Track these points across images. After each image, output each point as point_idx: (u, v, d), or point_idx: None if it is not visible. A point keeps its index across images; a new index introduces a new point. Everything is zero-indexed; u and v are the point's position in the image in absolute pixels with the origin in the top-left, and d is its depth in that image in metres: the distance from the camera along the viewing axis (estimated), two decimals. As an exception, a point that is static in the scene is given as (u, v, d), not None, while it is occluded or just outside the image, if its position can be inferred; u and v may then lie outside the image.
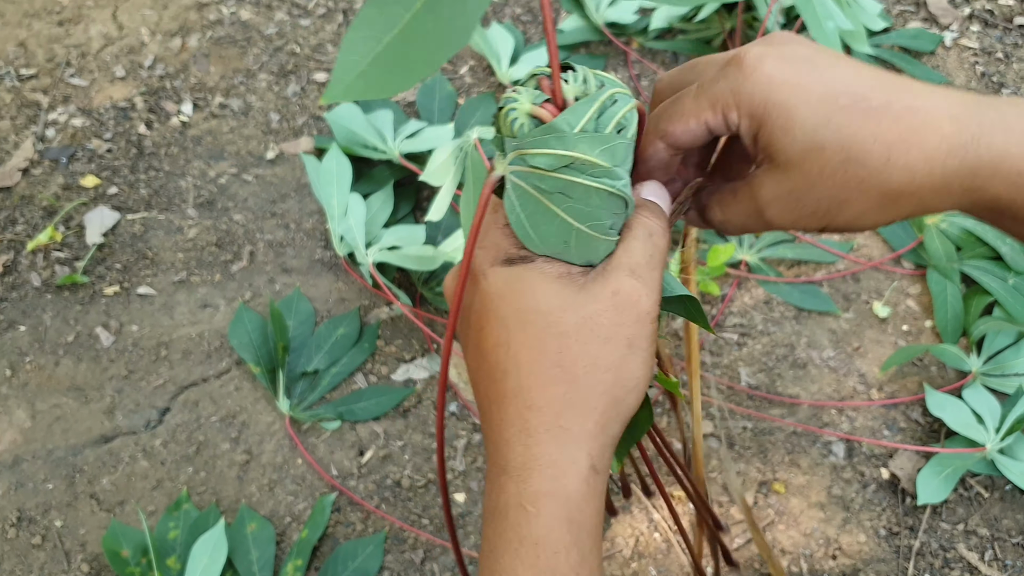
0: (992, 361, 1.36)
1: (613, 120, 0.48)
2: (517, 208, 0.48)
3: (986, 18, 1.86)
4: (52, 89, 1.67)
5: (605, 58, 1.78)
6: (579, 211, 0.47)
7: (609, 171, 0.47)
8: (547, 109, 0.48)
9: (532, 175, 0.47)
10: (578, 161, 0.46)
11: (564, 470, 0.47)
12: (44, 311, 1.41)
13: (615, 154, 0.47)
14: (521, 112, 0.48)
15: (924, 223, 1.52)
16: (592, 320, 0.47)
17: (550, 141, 0.46)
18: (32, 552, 1.21)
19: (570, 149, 0.46)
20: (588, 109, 0.47)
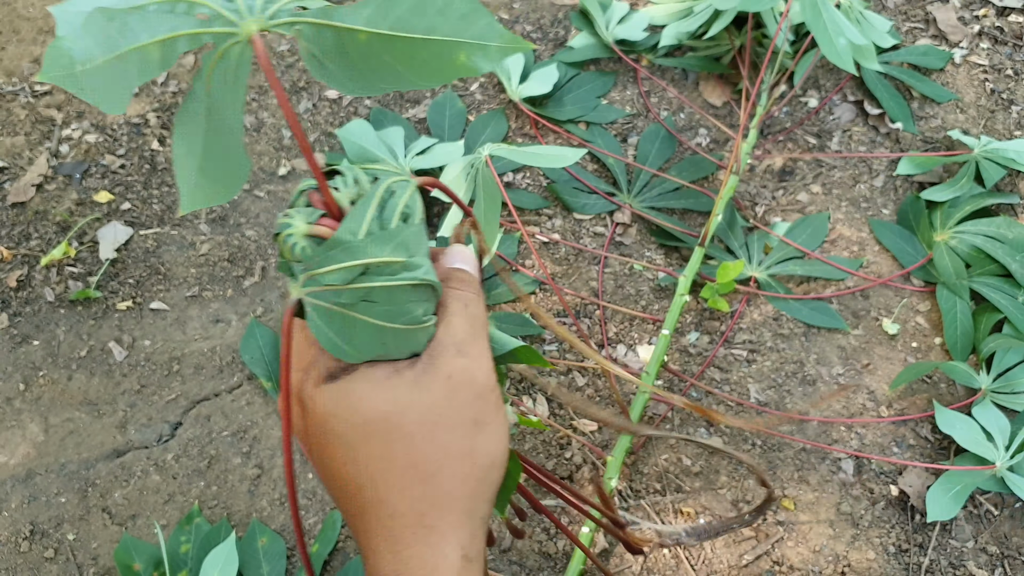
0: (1002, 378, 1.36)
1: (396, 212, 0.46)
2: (323, 327, 0.46)
3: (996, 35, 1.86)
4: (66, 105, 1.68)
5: (615, 75, 1.79)
6: (387, 312, 0.45)
7: (406, 264, 0.45)
8: (325, 224, 0.46)
9: (328, 292, 0.45)
10: (372, 266, 0.44)
11: (436, 568, 0.46)
12: (57, 326, 1.42)
13: (408, 245, 0.45)
14: (298, 235, 0.45)
15: (933, 239, 1.53)
16: (433, 412, 0.46)
17: (337, 255, 0.44)
18: (44, 565, 1.21)
19: (360, 257, 0.44)
20: (367, 210, 0.45)
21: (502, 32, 0.41)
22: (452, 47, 0.41)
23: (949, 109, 1.74)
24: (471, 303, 0.49)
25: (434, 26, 0.42)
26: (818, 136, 1.72)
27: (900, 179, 1.65)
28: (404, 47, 0.42)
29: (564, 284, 1.49)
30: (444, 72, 0.42)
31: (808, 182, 1.65)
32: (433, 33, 0.42)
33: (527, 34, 1.87)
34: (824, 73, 1.81)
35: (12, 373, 1.38)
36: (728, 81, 1.81)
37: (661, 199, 1.60)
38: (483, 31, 0.41)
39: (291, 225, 0.46)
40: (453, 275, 0.50)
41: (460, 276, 0.50)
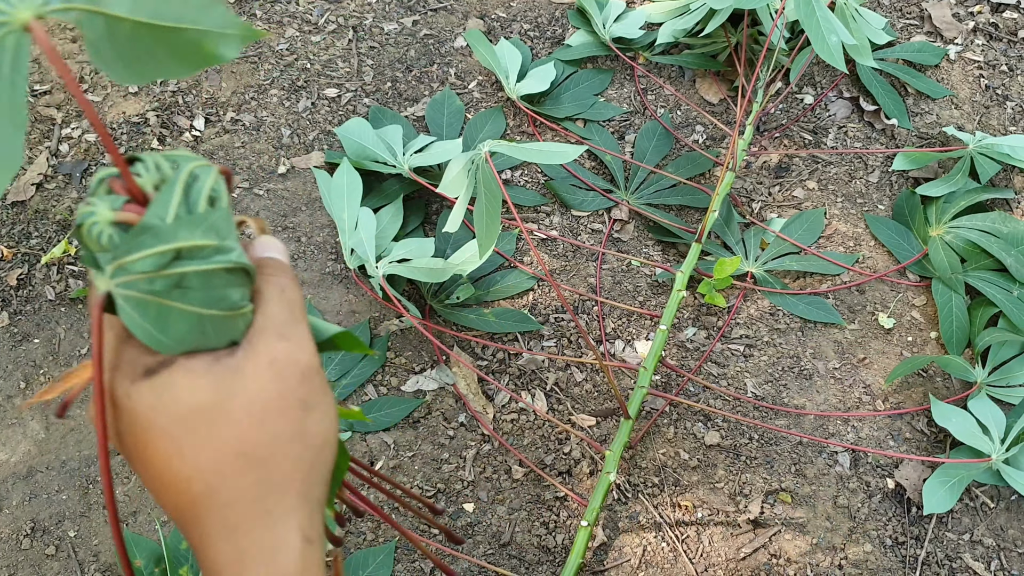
0: (997, 372, 1.37)
1: (203, 195, 0.45)
2: (136, 318, 0.44)
3: (990, 31, 1.87)
4: (66, 105, 1.69)
5: (612, 73, 1.80)
6: (203, 298, 0.44)
7: (219, 247, 0.44)
8: (131, 210, 0.44)
9: (140, 282, 0.43)
10: (184, 250, 0.43)
11: (277, 552, 0.45)
12: (58, 324, 1.43)
13: (218, 228, 0.45)
14: (103, 221, 0.43)
15: (929, 234, 1.53)
16: (260, 397, 0.45)
17: (147, 241, 0.43)
18: (46, 562, 1.22)
19: (170, 241, 0.43)
20: (173, 194, 0.44)
21: (237, 21, 0.42)
22: (199, 36, 0.42)
23: (944, 105, 1.75)
24: (287, 288, 0.48)
25: (181, 15, 0.42)
26: (814, 132, 1.73)
27: (895, 175, 1.66)
28: (161, 35, 0.42)
29: (562, 280, 1.50)
30: (196, 60, 0.42)
31: (804, 178, 1.65)
32: (181, 22, 0.42)
33: (525, 32, 1.88)
34: (820, 70, 1.82)
35: (13, 371, 1.38)
36: (724, 78, 1.81)
37: (658, 196, 1.61)
38: (221, 20, 0.42)
39: (95, 213, 0.43)
40: (265, 263, 0.50)
41: (272, 263, 0.50)
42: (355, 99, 1.74)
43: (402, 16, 1.90)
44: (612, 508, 1.29)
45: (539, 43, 1.87)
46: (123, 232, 0.43)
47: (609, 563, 1.24)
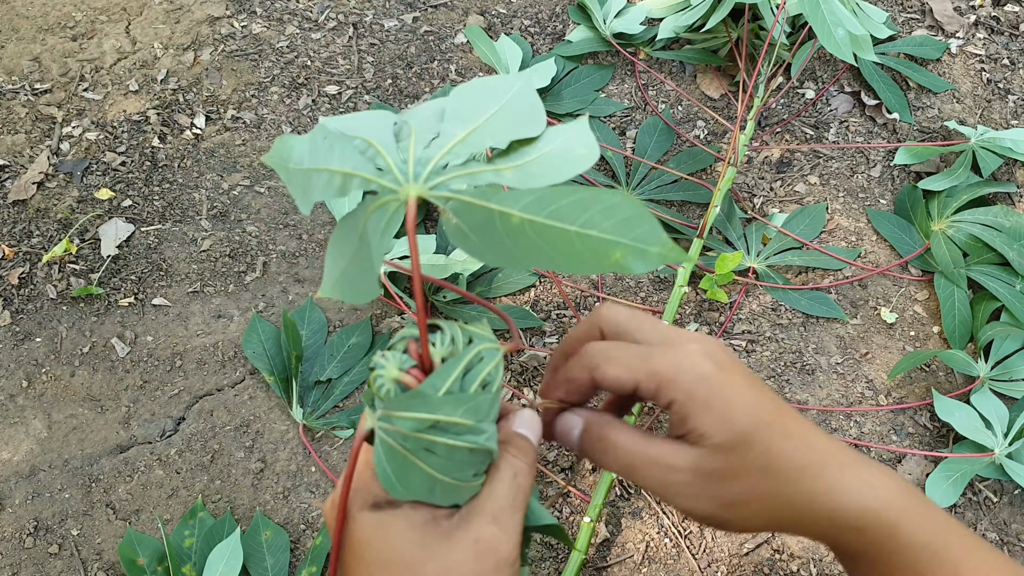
0: (1000, 366, 1.37)
1: (479, 378, 0.48)
2: (383, 460, 0.48)
3: (992, 25, 1.87)
4: (66, 103, 1.69)
5: (613, 68, 1.80)
6: (443, 466, 0.47)
7: (472, 428, 0.47)
8: (413, 375, 0.48)
9: (397, 434, 0.47)
10: (442, 422, 0.46)
11: None
12: (60, 322, 1.43)
13: (479, 411, 0.48)
14: (388, 379, 0.48)
15: (931, 228, 1.53)
16: (452, 570, 0.47)
17: (415, 405, 0.46)
18: (49, 561, 1.22)
19: (434, 412, 0.46)
20: (453, 371, 0.48)
21: (664, 239, 0.42)
22: (609, 244, 0.42)
23: (946, 99, 1.75)
24: (520, 473, 0.50)
25: (593, 222, 0.43)
26: (815, 127, 1.73)
27: (897, 169, 1.65)
28: (558, 236, 0.43)
29: (564, 276, 1.50)
30: (596, 265, 0.43)
31: (806, 173, 1.65)
32: (591, 228, 0.43)
33: (525, 28, 1.88)
34: (821, 64, 1.82)
35: (15, 370, 1.38)
36: (725, 73, 1.81)
37: (659, 191, 1.61)
38: (645, 235, 0.42)
39: (385, 368, 0.48)
40: (515, 440, 0.52)
41: (520, 444, 0.52)
42: (356, 96, 1.74)
43: (402, 13, 1.90)
44: (615, 504, 1.29)
45: (539, 39, 1.86)
46: (401, 391, 0.48)
47: (612, 559, 1.24)
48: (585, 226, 0.43)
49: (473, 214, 0.45)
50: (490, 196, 0.45)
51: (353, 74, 1.77)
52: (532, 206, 0.44)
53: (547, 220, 0.43)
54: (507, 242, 0.44)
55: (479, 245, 0.45)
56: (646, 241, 0.42)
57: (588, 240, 0.43)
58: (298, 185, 0.49)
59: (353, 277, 0.48)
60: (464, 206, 0.45)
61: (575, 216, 0.43)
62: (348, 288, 0.48)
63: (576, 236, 0.43)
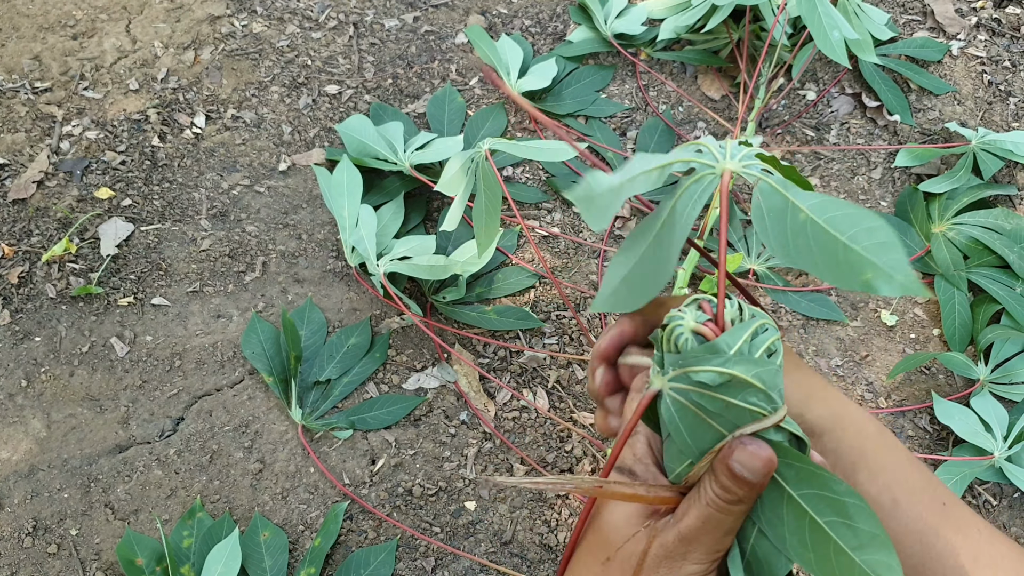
0: (1000, 369, 1.37)
1: (764, 345, 0.51)
2: (675, 418, 0.51)
3: (993, 27, 1.87)
4: (66, 102, 1.69)
5: (613, 69, 1.79)
6: (732, 428, 0.50)
7: (762, 394, 0.49)
8: (710, 327, 0.51)
9: (692, 392, 0.50)
10: (736, 380, 0.48)
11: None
12: (59, 322, 1.43)
13: (767, 378, 0.49)
14: (687, 328, 0.51)
15: (931, 231, 1.53)
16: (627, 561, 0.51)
17: (711, 359, 0.49)
18: (48, 560, 1.22)
19: (729, 368, 0.49)
20: (744, 332, 0.51)
21: (908, 271, 0.45)
22: (864, 263, 0.46)
23: (947, 101, 1.74)
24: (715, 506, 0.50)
25: (857, 238, 0.46)
26: (816, 129, 1.72)
27: (898, 171, 1.65)
28: (829, 242, 0.47)
29: (564, 277, 1.50)
30: (849, 279, 0.46)
31: (806, 174, 1.65)
32: (854, 243, 0.46)
33: (526, 28, 1.88)
34: (822, 66, 1.82)
35: (14, 369, 1.38)
36: (726, 74, 1.81)
37: (659, 193, 1.61)
38: (893, 263, 0.45)
39: (683, 318, 0.52)
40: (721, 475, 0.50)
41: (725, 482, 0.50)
42: (356, 96, 1.74)
43: (403, 12, 1.90)
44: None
45: (540, 39, 1.86)
46: (698, 343, 0.51)
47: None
48: (851, 240, 0.47)
49: (774, 199, 0.50)
50: (788, 187, 0.50)
51: (353, 74, 1.77)
52: (816, 208, 0.48)
53: (825, 224, 0.48)
54: (790, 236, 0.49)
55: (770, 231, 0.50)
56: (894, 268, 0.45)
57: (850, 253, 0.46)
58: (601, 207, 0.55)
59: (639, 275, 0.54)
60: (770, 189, 0.50)
61: (845, 228, 0.47)
62: (628, 293, 0.54)
63: (842, 247, 0.47)
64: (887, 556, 0.46)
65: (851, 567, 0.46)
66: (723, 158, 0.53)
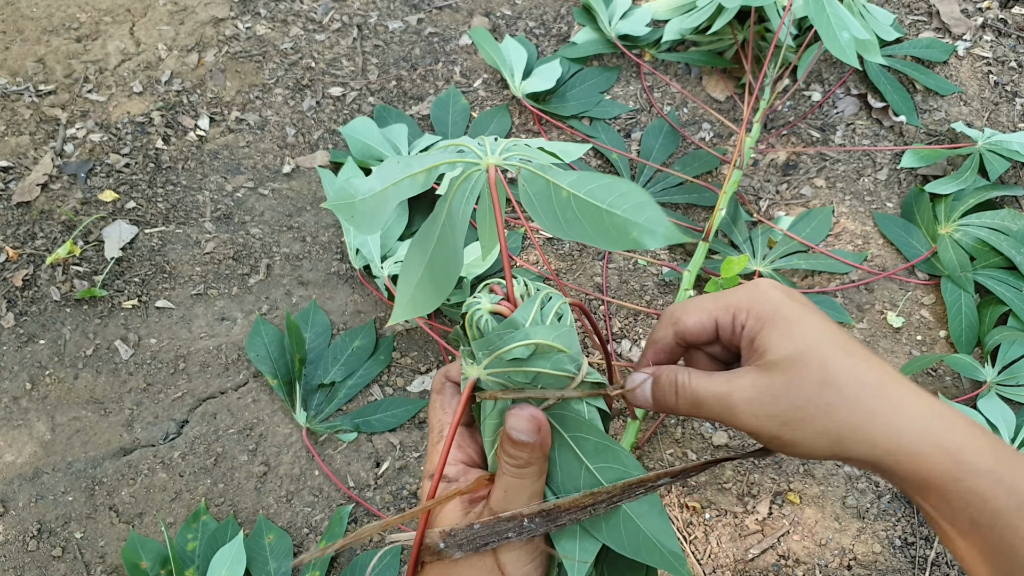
0: (1007, 371, 1.36)
1: (552, 312, 0.56)
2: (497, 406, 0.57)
3: (999, 27, 1.86)
4: (70, 105, 1.69)
5: (618, 70, 1.79)
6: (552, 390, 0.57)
7: (568, 355, 0.55)
8: (504, 306, 0.57)
9: (507, 372, 0.55)
10: (541, 346, 0.54)
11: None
12: (63, 325, 1.43)
13: (566, 339, 0.55)
14: (484, 311, 0.56)
15: (938, 232, 1.52)
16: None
17: (513, 335, 0.54)
18: (52, 564, 1.22)
19: (532, 337, 0.54)
20: (533, 304, 0.56)
21: (667, 223, 0.50)
22: (628, 224, 0.51)
23: (953, 102, 1.74)
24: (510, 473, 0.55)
25: (615, 204, 0.52)
26: (821, 130, 1.72)
27: (904, 172, 1.65)
28: (593, 212, 0.53)
29: (568, 280, 1.49)
30: (619, 241, 0.52)
31: (812, 176, 1.65)
32: (615, 208, 0.52)
33: (530, 30, 1.87)
34: (827, 67, 1.81)
35: (19, 372, 1.38)
36: (731, 76, 1.80)
37: (665, 194, 1.60)
38: (651, 219, 0.51)
39: (480, 303, 0.57)
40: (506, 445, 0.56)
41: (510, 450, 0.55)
42: (360, 98, 1.73)
43: (407, 14, 1.89)
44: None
45: (544, 41, 1.86)
46: (496, 322, 0.56)
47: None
48: (611, 206, 0.52)
49: (536, 183, 0.55)
50: (546, 170, 0.55)
51: (357, 76, 1.77)
52: (575, 183, 0.54)
53: (586, 196, 0.53)
54: (558, 212, 0.54)
55: (540, 212, 0.54)
56: (654, 224, 0.50)
57: (613, 218, 0.52)
58: (367, 212, 0.59)
59: (431, 276, 0.58)
60: (531, 175, 0.55)
61: (604, 196, 0.52)
62: (423, 296, 0.58)
63: (605, 213, 0.52)
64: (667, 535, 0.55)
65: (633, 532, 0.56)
66: (484, 154, 0.57)
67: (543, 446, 0.55)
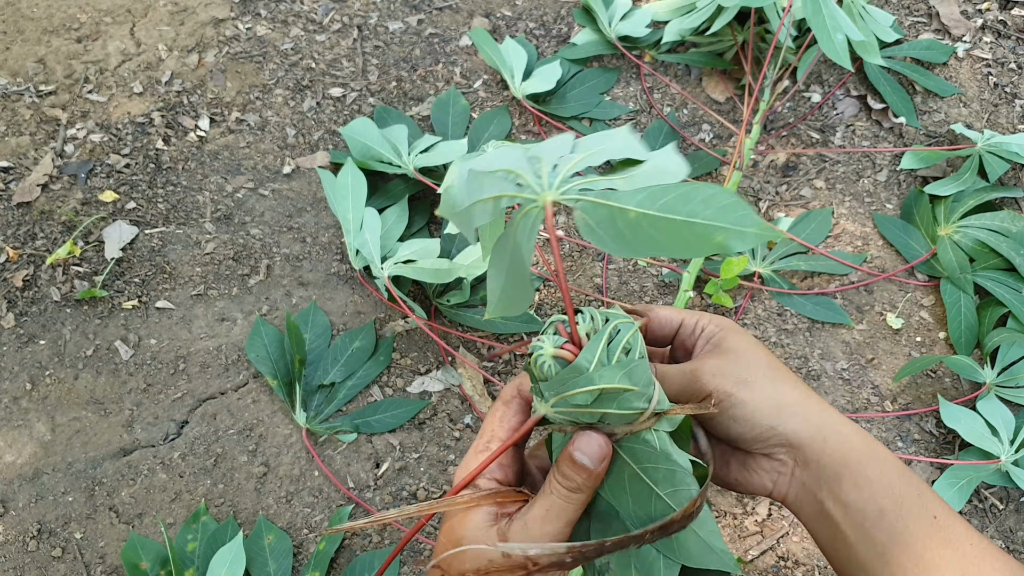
0: (1006, 372, 1.36)
1: (620, 346, 0.56)
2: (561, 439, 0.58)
3: (999, 29, 1.86)
4: (71, 105, 1.69)
5: (618, 72, 1.79)
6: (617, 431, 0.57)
7: (636, 393, 0.55)
8: (568, 350, 0.56)
9: (574, 412, 0.55)
10: (608, 390, 0.54)
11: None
12: (63, 325, 1.43)
13: (634, 375, 0.55)
14: (547, 355, 0.56)
15: (937, 233, 1.53)
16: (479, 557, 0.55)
17: (577, 380, 0.54)
18: (52, 564, 1.22)
19: (596, 383, 0.53)
20: (599, 343, 0.55)
21: (759, 221, 0.49)
22: (711, 229, 0.50)
23: (952, 103, 1.74)
24: (558, 494, 0.55)
25: (696, 212, 0.50)
26: (821, 131, 1.72)
27: (903, 174, 1.65)
28: (668, 225, 0.51)
29: (569, 280, 1.50)
30: (701, 248, 0.50)
31: (811, 177, 1.65)
32: (695, 217, 0.50)
33: (530, 31, 1.87)
34: (827, 68, 1.81)
35: (19, 372, 1.38)
36: (731, 77, 1.81)
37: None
38: (741, 219, 0.49)
39: (543, 347, 0.56)
40: (563, 466, 0.56)
41: (566, 471, 0.55)
42: (360, 99, 1.74)
43: (407, 15, 1.90)
44: None
45: (544, 42, 1.86)
46: (561, 366, 0.56)
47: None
48: (690, 215, 0.50)
49: (598, 212, 0.52)
50: (609, 196, 0.53)
51: (357, 76, 1.77)
52: (644, 202, 0.51)
53: (658, 212, 0.51)
54: (626, 233, 0.51)
55: (604, 237, 0.52)
56: (743, 224, 0.49)
57: (694, 227, 0.50)
58: (464, 222, 0.58)
59: (512, 290, 0.58)
60: (591, 206, 0.53)
61: (680, 207, 0.50)
62: (510, 301, 0.58)
63: (683, 224, 0.50)
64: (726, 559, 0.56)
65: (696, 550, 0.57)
66: (542, 190, 0.55)
67: (600, 476, 0.56)
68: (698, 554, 0.57)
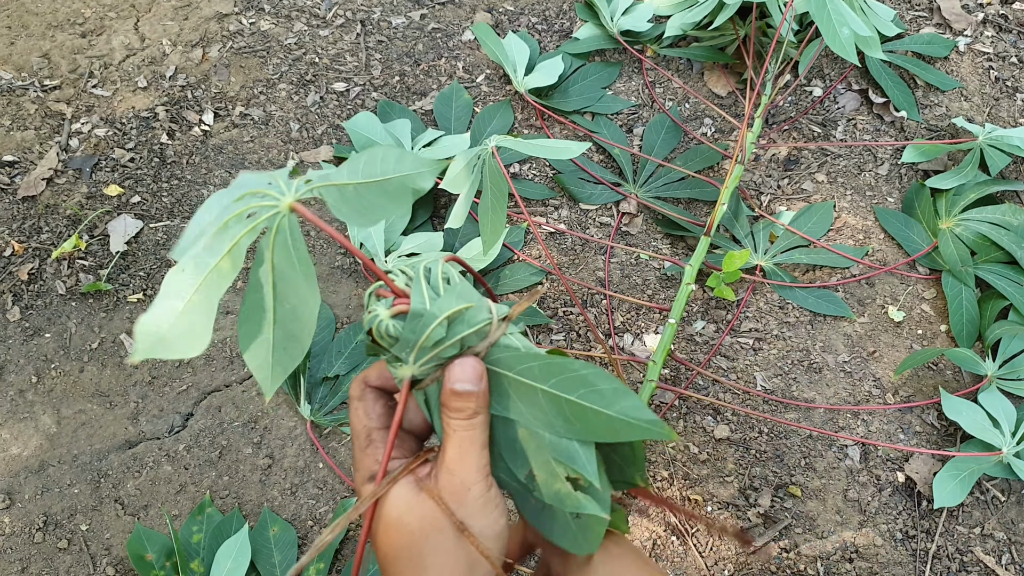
0: (1008, 365, 1.37)
1: (439, 280, 0.57)
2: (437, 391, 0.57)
3: (1000, 23, 1.87)
4: (75, 100, 1.69)
5: (620, 66, 1.80)
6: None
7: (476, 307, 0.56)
8: (400, 304, 0.56)
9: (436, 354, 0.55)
10: (451, 316, 0.55)
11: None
12: (69, 318, 1.43)
13: (466, 295, 0.56)
14: (385, 318, 0.56)
15: (938, 227, 1.53)
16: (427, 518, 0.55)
17: (424, 320, 0.55)
18: (58, 556, 1.23)
19: (440, 314, 0.55)
20: (420, 286, 0.56)
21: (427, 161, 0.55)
22: (403, 179, 0.57)
23: (953, 97, 1.74)
24: (460, 428, 0.56)
25: (386, 170, 0.57)
26: (823, 125, 1.72)
27: (905, 167, 1.65)
28: (376, 187, 0.56)
29: (571, 274, 1.50)
30: (405, 196, 0.57)
31: (813, 171, 1.65)
32: (387, 174, 0.56)
33: (533, 25, 1.88)
34: (828, 62, 1.82)
35: (24, 365, 1.39)
36: (733, 71, 1.81)
37: (667, 189, 1.61)
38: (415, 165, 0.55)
39: (378, 314, 0.56)
40: (450, 402, 0.56)
41: (455, 404, 0.56)
42: (363, 93, 1.74)
43: (410, 10, 1.90)
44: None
45: (547, 36, 1.86)
46: (401, 321, 0.56)
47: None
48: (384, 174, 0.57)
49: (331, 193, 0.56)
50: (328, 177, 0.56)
51: (361, 71, 1.78)
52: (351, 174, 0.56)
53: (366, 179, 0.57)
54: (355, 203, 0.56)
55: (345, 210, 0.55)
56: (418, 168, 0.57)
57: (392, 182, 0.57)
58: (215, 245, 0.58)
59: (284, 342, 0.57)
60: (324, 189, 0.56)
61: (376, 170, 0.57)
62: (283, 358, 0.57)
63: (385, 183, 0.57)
64: (633, 400, 0.54)
65: (610, 421, 0.54)
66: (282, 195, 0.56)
67: (486, 394, 0.57)
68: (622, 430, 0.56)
